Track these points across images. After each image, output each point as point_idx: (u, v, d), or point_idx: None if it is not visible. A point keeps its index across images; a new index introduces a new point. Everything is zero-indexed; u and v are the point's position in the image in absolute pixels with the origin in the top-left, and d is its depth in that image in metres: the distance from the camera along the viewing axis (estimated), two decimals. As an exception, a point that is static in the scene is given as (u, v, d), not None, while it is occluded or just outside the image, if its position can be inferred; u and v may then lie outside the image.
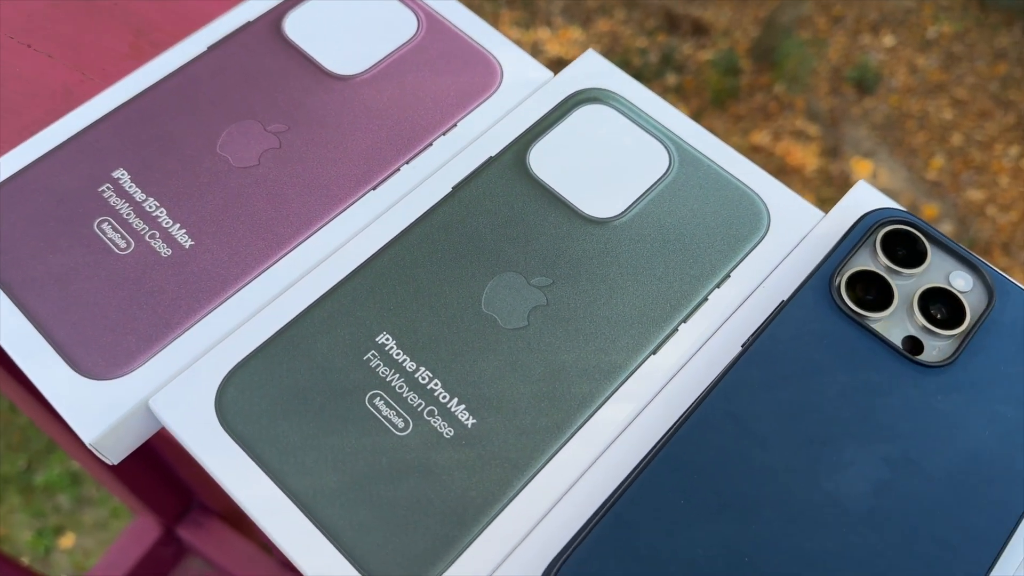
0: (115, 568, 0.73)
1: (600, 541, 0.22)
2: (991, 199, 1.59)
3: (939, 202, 1.57)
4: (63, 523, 1.14)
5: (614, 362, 0.25)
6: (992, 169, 1.60)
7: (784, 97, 1.68)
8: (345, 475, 0.23)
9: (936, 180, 1.59)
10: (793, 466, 0.23)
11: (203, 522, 0.76)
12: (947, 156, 1.61)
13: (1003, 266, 1.47)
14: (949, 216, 1.56)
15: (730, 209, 0.27)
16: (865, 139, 1.63)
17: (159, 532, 0.75)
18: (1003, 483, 0.23)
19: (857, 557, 0.22)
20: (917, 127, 1.67)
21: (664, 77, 1.66)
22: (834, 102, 1.69)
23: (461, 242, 0.26)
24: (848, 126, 1.64)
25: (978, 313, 0.25)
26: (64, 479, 1.16)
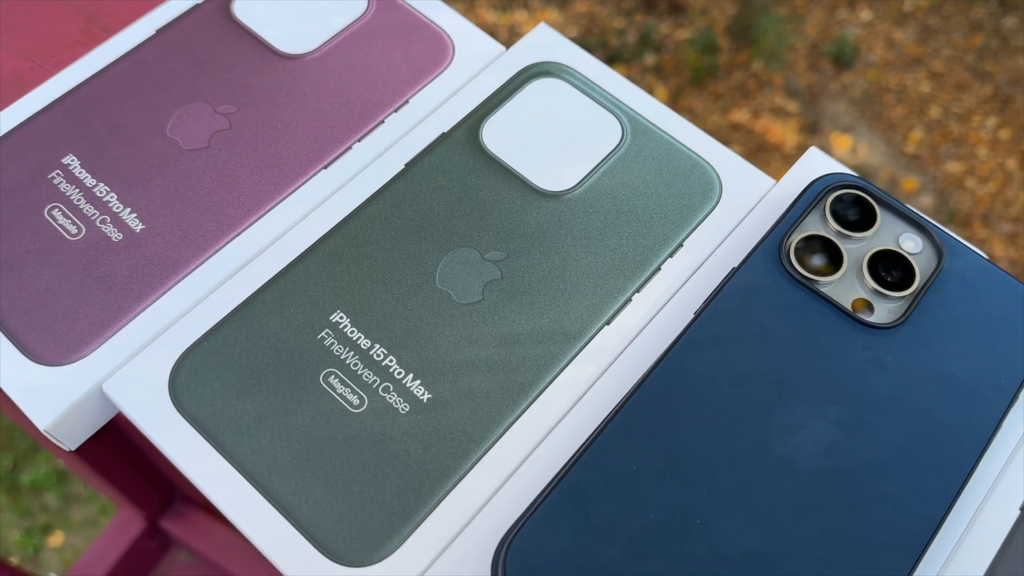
0: (99, 563, 0.73)
1: (552, 510, 0.22)
2: (970, 171, 1.60)
3: (918, 175, 1.57)
4: (51, 522, 1.14)
5: (569, 333, 0.25)
6: (970, 141, 1.61)
7: (763, 74, 1.68)
8: (300, 453, 0.23)
9: (915, 153, 1.60)
10: (745, 429, 0.23)
11: (187, 514, 0.76)
12: (926, 129, 1.62)
13: (982, 237, 1.48)
14: (928, 189, 1.57)
15: (682, 179, 0.27)
16: (844, 114, 1.64)
17: (143, 526, 0.75)
18: (952, 441, 0.23)
19: (809, 517, 0.22)
20: (895, 101, 1.67)
21: (642, 57, 1.65)
22: (812, 78, 1.69)
23: (414, 219, 0.26)
24: (827, 102, 1.64)
25: (927, 274, 0.25)
26: (51, 478, 1.16)
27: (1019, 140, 1.59)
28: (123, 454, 0.69)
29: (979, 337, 0.25)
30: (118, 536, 0.75)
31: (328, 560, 0.22)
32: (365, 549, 0.22)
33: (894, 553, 0.22)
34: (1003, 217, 1.52)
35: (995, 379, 0.24)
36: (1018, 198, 1.53)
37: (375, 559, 0.22)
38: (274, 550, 0.22)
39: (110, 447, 0.67)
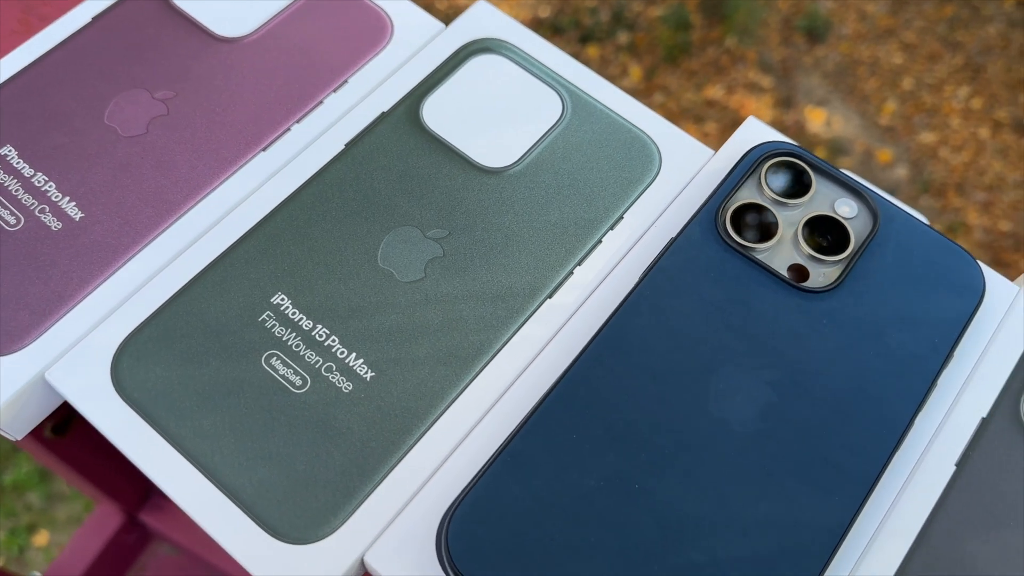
0: (78, 559, 0.73)
1: (493, 481, 0.22)
2: (943, 141, 1.61)
3: (893, 147, 1.58)
4: (35, 521, 1.13)
5: (511, 308, 0.25)
6: (943, 111, 1.62)
7: (736, 50, 1.68)
8: (243, 435, 0.23)
9: (889, 125, 1.61)
10: (683, 395, 0.23)
11: (165, 506, 0.76)
12: (899, 101, 1.63)
13: (957, 206, 1.49)
14: (903, 160, 1.58)
15: (622, 152, 0.28)
16: (818, 88, 1.64)
17: (121, 520, 0.75)
18: (887, 400, 0.24)
19: (746, 478, 0.23)
20: (868, 73, 1.68)
21: (616, 36, 1.65)
22: (786, 52, 1.69)
23: (355, 199, 0.26)
24: (800, 76, 1.64)
25: (862, 238, 0.26)
26: (33, 477, 1.15)
27: (991, 109, 1.60)
28: (98, 448, 0.68)
29: (913, 298, 0.25)
30: (97, 531, 0.75)
31: (272, 538, 0.22)
32: (309, 526, 0.22)
33: (831, 511, 0.22)
34: (977, 186, 1.54)
35: (929, 339, 0.25)
36: (991, 167, 1.55)
37: (320, 536, 0.22)
38: (219, 530, 0.22)
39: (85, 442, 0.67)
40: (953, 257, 0.26)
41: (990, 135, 1.60)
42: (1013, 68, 1.69)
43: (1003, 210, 1.52)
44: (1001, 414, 0.25)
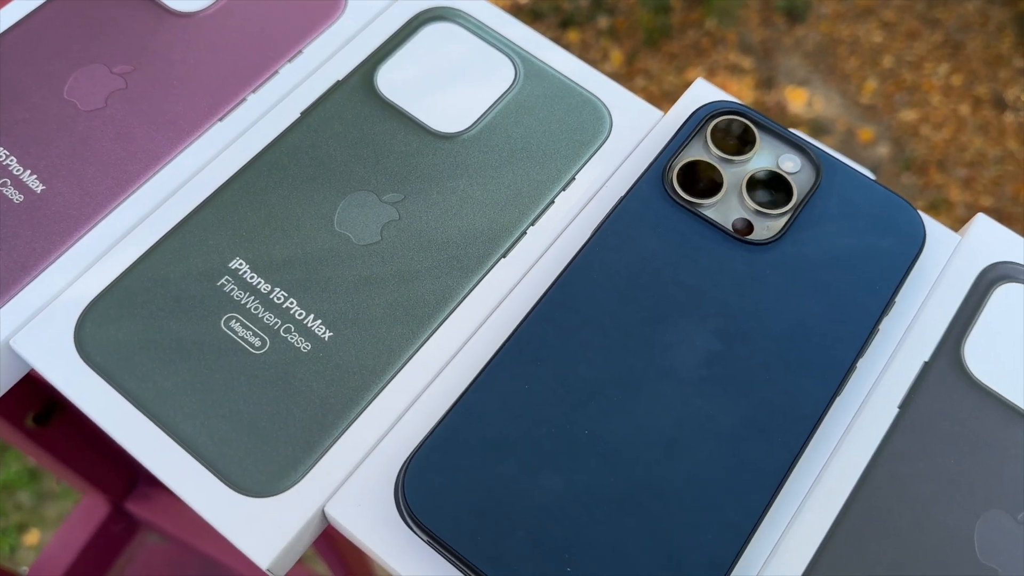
0: (66, 550, 0.73)
1: (448, 431, 0.23)
2: (924, 118, 1.62)
3: (874, 125, 1.59)
4: (26, 520, 1.14)
5: (466, 268, 0.26)
6: (923, 88, 1.63)
7: (716, 32, 1.69)
8: (204, 395, 0.24)
9: (870, 103, 1.62)
10: (631, 345, 0.24)
11: (151, 495, 0.76)
12: (879, 79, 1.63)
13: (939, 183, 1.51)
14: (885, 138, 1.59)
15: (574, 116, 0.28)
16: (798, 68, 1.65)
17: (108, 509, 0.75)
18: (828, 345, 0.25)
19: (692, 423, 0.23)
20: (848, 52, 1.69)
21: (596, 20, 1.65)
22: (766, 33, 1.70)
23: (311, 166, 0.27)
24: (781, 56, 1.65)
25: (805, 191, 0.26)
26: (23, 476, 1.16)
27: (971, 85, 1.62)
28: (82, 438, 0.69)
29: (855, 247, 0.26)
30: (83, 522, 0.75)
31: (235, 492, 0.23)
32: (270, 480, 0.23)
33: (774, 451, 0.23)
34: (958, 162, 1.55)
35: (870, 286, 0.25)
36: (972, 143, 1.56)
37: (280, 489, 0.23)
38: (182, 486, 0.23)
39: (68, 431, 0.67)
40: (894, 208, 0.26)
41: (970, 111, 1.61)
42: (991, 44, 1.70)
43: (984, 186, 1.53)
44: (943, 358, 0.26)
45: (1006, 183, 1.53)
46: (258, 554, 0.22)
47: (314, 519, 0.23)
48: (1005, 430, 0.25)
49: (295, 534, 0.22)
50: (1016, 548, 0.23)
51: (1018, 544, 0.23)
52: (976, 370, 0.26)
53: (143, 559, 0.86)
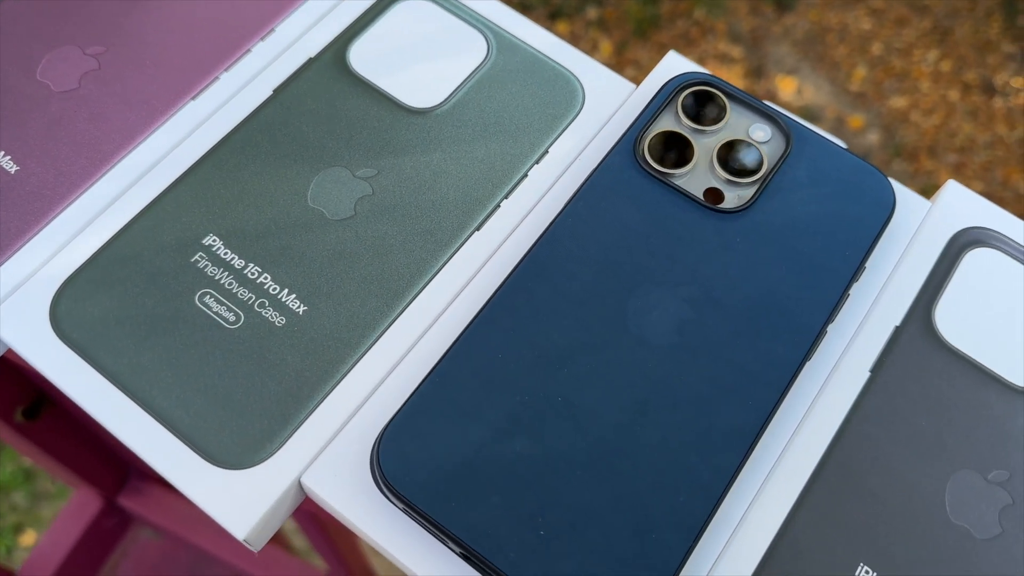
0: (58, 546, 0.73)
1: (422, 400, 0.23)
2: (914, 105, 1.62)
3: (864, 113, 1.60)
4: (22, 521, 1.14)
5: (440, 241, 0.26)
6: (913, 75, 1.63)
7: (705, 22, 1.69)
8: (180, 370, 0.24)
9: (860, 91, 1.62)
10: (603, 314, 0.24)
11: (143, 489, 0.76)
12: (869, 66, 1.64)
13: (929, 169, 1.51)
14: (875, 125, 1.59)
15: (546, 90, 0.28)
16: (788, 56, 1.65)
17: (100, 504, 0.75)
18: (799, 311, 0.25)
19: (664, 388, 0.24)
20: (838, 40, 1.69)
21: (585, 11, 1.65)
22: (755, 22, 1.70)
23: (284, 142, 0.27)
24: (770, 45, 1.65)
25: (775, 160, 0.27)
26: (18, 477, 1.15)
27: (960, 71, 1.62)
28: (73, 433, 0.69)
29: (825, 214, 0.26)
30: (75, 517, 0.75)
31: (212, 465, 0.23)
32: (246, 452, 0.23)
33: (745, 415, 0.23)
34: (948, 148, 1.55)
35: (840, 252, 0.26)
36: (962, 128, 1.57)
37: (257, 461, 0.23)
38: (159, 460, 0.23)
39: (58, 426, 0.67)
40: (864, 175, 0.27)
41: (960, 97, 1.61)
42: (980, 30, 1.70)
43: (974, 171, 1.54)
44: (914, 322, 0.26)
45: (996, 168, 1.54)
46: (235, 525, 0.22)
47: (290, 490, 0.23)
48: (975, 392, 0.25)
49: (271, 505, 0.23)
50: (987, 507, 0.24)
51: (989, 503, 0.24)
52: (947, 334, 0.26)
53: (137, 554, 0.86)
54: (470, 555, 0.22)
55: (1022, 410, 0.25)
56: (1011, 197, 1.54)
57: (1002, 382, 0.25)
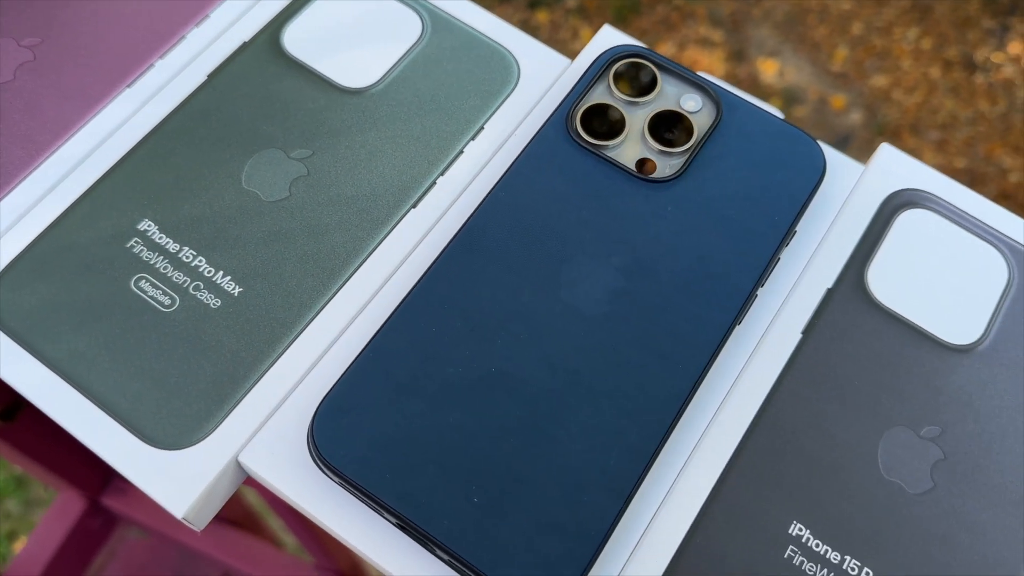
0: (43, 548, 0.73)
1: (357, 375, 0.23)
2: (896, 83, 1.62)
3: (846, 92, 1.60)
4: (15, 528, 1.14)
5: (376, 219, 0.26)
6: (894, 54, 1.63)
7: (685, 7, 1.69)
8: (117, 354, 0.24)
9: (841, 71, 1.62)
10: (536, 285, 0.25)
11: (127, 488, 0.76)
12: (850, 46, 1.64)
13: (912, 147, 1.51)
14: (857, 104, 1.59)
15: (481, 67, 0.29)
16: (768, 39, 1.65)
17: (84, 505, 0.75)
18: (729, 275, 0.25)
19: (597, 355, 0.24)
20: (818, 21, 1.69)
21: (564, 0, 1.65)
22: (735, 6, 1.70)
23: (218, 126, 0.27)
24: (751, 28, 1.65)
25: (705, 129, 0.27)
26: (9, 484, 1.15)
27: (941, 48, 1.62)
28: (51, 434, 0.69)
29: (755, 180, 0.26)
30: (59, 519, 0.75)
31: (150, 446, 0.23)
32: (184, 432, 0.23)
33: (675, 378, 0.24)
34: (930, 125, 1.56)
35: (770, 217, 0.26)
36: (943, 105, 1.57)
37: (194, 440, 0.23)
38: (99, 444, 0.23)
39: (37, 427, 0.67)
40: (795, 141, 0.27)
41: (941, 74, 1.61)
42: (959, 6, 1.70)
43: (957, 147, 1.54)
44: (846, 284, 0.26)
45: (979, 144, 1.54)
46: (173, 504, 0.23)
47: (228, 468, 0.23)
48: (908, 350, 0.25)
49: (209, 483, 0.23)
50: (919, 462, 0.24)
51: (921, 459, 0.24)
52: (879, 294, 0.26)
53: (125, 554, 0.86)
54: (406, 524, 0.22)
55: (954, 367, 0.25)
56: (994, 172, 1.54)
57: (934, 340, 0.26)
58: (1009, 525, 0.23)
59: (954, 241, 0.27)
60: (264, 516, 0.87)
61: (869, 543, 0.23)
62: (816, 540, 0.23)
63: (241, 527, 0.81)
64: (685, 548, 0.23)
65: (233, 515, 0.81)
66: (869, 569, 0.23)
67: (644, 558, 0.23)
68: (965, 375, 0.25)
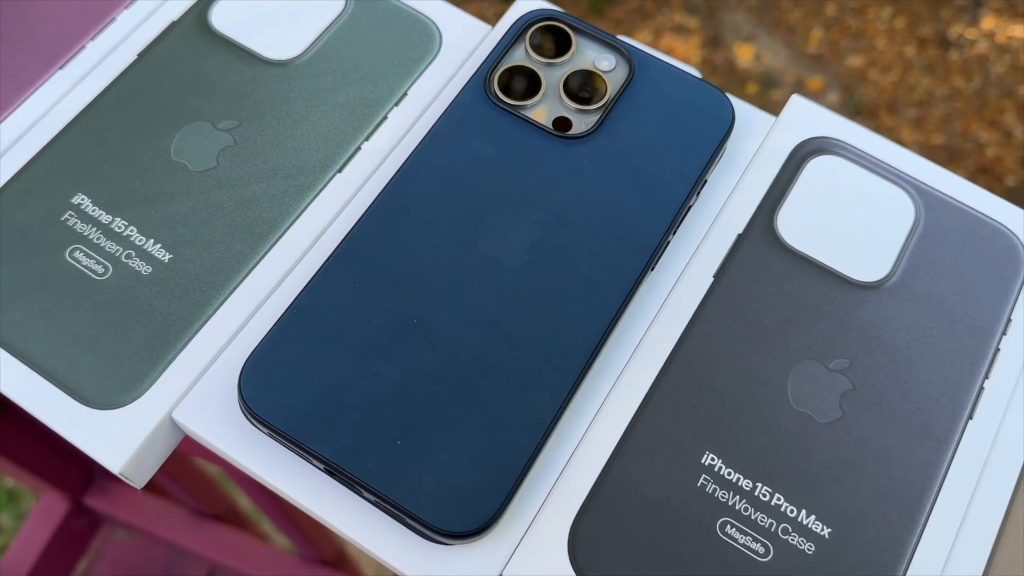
0: (28, 551, 0.74)
1: (282, 330, 0.24)
2: (871, 63, 1.64)
3: (822, 74, 1.61)
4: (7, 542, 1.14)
5: (302, 185, 0.27)
6: (868, 34, 1.65)
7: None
8: (53, 322, 0.25)
9: (817, 53, 1.63)
10: (456, 240, 0.26)
11: (109, 488, 0.77)
12: (824, 28, 1.65)
13: (889, 126, 1.53)
14: (834, 85, 1.60)
15: (404, 35, 0.30)
16: (744, 24, 1.66)
17: (67, 506, 0.76)
18: (641, 224, 0.26)
19: (515, 303, 0.25)
20: (792, 4, 1.70)
21: (537, -8, 1.64)
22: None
23: (149, 102, 0.28)
24: (725, 13, 1.66)
25: (617, 87, 0.28)
26: (2, 498, 1.16)
27: (915, 27, 1.63)
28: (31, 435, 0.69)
29: (666, 134, 0.27)
30: (43, 521, 0.76)
31: (86, 407, 0.24)
32: (118, 392, 0.24)
33: (589, 322, 0.25)
34: (907, 103, 1.57)
35: (680, 167, 0.27)
36: (919, 83, 1.58)
37: (128, 400, 0.24)
38: (38, 406, 0.24)
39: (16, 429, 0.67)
40: (704, 94, 0.28)
41: (916, 52, 1.63)
42: (932, -16, 1.71)
43: (934, 124, 1.55)
44: (756, 228, 0.27)
45: (955, 120, 1.55)
46: (110, 460, 0.24)
47: (163, 425, 0.24)
48: (816, 288, 0.26)
49: (144, 440, 0.24)
50: (827, 393, 0.25)
51: (830, 390, 0.25)
52: (788, 237, 0.27)
53: (112, 555, 0.87)
54: (333, 469, 0.23)
55: (862, 303, 0.26)
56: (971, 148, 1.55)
57: (842, 278, 0.27)
58: (914, 449, 0.24)
59: (862, 184, 0.28)
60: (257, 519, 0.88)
61: (779, 470, 0.24)
62: (728, 469, 0.24)
63: (228, 523, 0.82)
64: (603, 479, 0.24)
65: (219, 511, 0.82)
66: (780, 494, 0.24)
67: (565, 489, 0.24)
68: (873, 310, 0.26)
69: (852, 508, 0.24)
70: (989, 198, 0.28)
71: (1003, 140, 1.56)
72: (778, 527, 0.23)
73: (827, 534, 0.23)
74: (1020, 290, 0.27)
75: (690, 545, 0.23)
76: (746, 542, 0.23)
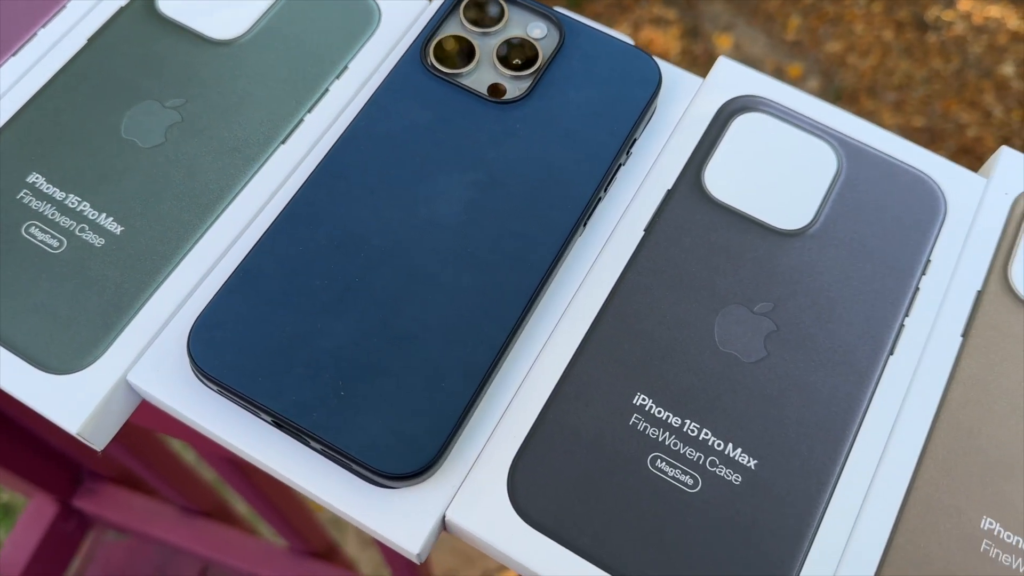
0: (18, 555, 0.74)
1: (229, 292, 0.25)
2: (850, 48, 1.65)
3: (802, 61, 1.62)
4: (0, 556, 1.14)
5: (247, 157, 0.28)
6: (846, 19, 1.66)
7: (636, -13, 1.71)
8: (10, 294, 0.26)
9: (796, 40, 1.65)
10: (396, 203, 0.27)
11: (98, 489, 0.78)
12: (802, 15, 1.66)
13: (870, 110, 1.54)
14: (813, 72, 1.62)
15: (343, 12, 0.31)
16: (722, 14, 1.67)
17: (56, 509, 0.77)
18: (573, 183, 0.27)
19: (453, 261, 0.26)
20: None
21: (515, -11, 1.65)
22: (686, -17, 1.71)
23: (98, 84, 0.29)
24: (704, 4, 1.68)
25: (549, 53, 0.29)
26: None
27: (892, 11, 1.65)
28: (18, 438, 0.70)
29: (596, 97, 0.28)
30: (32, 524, 0.76)
31: (44, 372, 0.25)
32: (74, 358, 0.25)
33: (524, 276, 0.26)
34: (887, 87, 1.58)
35: (608, 128, 0.28)
36: (898, 67, 1.60)
37: (84, 365, 0.25)
38: None
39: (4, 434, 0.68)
40: (632, 58, 0.29)
41: (894, 36, 1.64)
42: (907, -32, 1.73)
43: (914, 106, 1.57)
44: (684, 184, 0.28)
45: (935, 101, 1.57)
46: (68, 421, 0.25)
47: (119, 387, 0.25)
48: (741, 237, 0.28)
49: (100, 401, 0.25)
50: (753, 335, 0.26)
51: (755, 331, 0.26)
52: (715, 191, 0.28)
53: (104, 557, 0.88)
54: (280, 421, 0.24)
55: (786, 249, 0.27)
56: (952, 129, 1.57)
57: (766, 227, 0.28)
58: (837, 384, 0.26)
59: (787, 139, 0.29)
60: (229, 498, 0.88)
61: (707, 407, 0.25)
62: (658, 408, 0.25)
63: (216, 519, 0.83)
64: (540, 422, 0.25)
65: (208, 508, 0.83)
66: (708, 430, 0.25)
67: (504, 433, 0.25)
68: (796, 256, 0.27)
69: (777, 440, 0.25)
70: (910, 147, 0.29)
71: (983, 120, 1.57)
72: (706, 460, 0.24)
73: (753, 465, 0.24)
74: (939, 232, 0.28)
75: (623, 480, 0.24)
76: (675, 475, 0.24)
